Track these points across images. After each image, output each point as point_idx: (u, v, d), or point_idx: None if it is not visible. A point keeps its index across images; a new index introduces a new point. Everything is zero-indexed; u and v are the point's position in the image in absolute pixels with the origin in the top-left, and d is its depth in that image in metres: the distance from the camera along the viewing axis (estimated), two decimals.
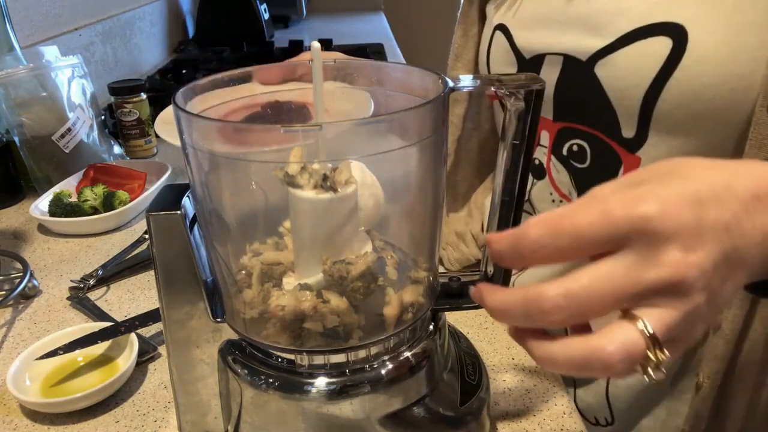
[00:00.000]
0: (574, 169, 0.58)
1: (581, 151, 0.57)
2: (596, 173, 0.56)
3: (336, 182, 0.39)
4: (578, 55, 0.53)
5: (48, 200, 0.90)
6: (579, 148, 0.57)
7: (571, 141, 0.57)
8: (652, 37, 0.48)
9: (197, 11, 2.14)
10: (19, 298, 0.73)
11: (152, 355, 0.62)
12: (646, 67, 0.48)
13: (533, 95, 0.41)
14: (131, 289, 0.75)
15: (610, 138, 0.54)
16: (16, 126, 0.97)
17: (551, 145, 0.60)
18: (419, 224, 0.47)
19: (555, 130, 0.59)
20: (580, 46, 0.53)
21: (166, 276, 0.45)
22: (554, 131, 0.59)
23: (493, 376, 0.58)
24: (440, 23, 3.25)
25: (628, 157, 0.53)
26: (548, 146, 0.60)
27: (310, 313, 0.40)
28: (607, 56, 0.51)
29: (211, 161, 0.41)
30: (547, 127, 0.59)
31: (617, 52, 0.50)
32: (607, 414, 0.62)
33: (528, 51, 0.59)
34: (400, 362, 0.44)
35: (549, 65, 0.56)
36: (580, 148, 0.57)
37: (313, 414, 0.42)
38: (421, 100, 0.40)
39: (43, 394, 0.57)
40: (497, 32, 0.63)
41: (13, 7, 1.12)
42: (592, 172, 0.57)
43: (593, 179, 0.56)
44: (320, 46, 0.41)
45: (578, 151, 0.57)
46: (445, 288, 0.48)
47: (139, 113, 1.15)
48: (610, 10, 0.51)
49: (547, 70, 0.57)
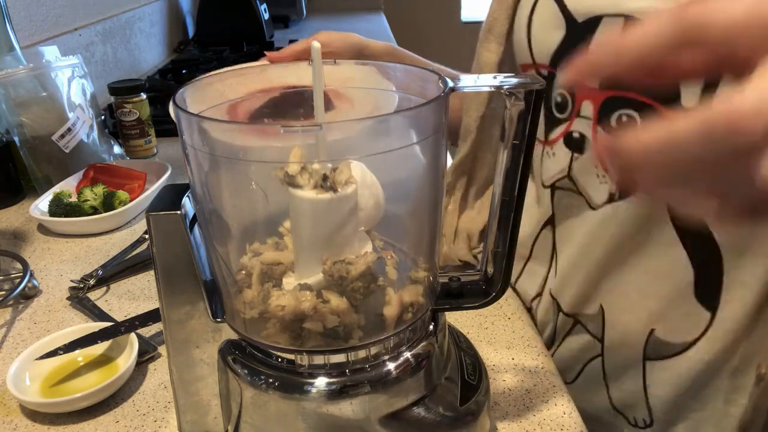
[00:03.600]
0: None
1: (631, 121, 0.53)
2: None
3: (336, 182, 0.39)
4: (643, 17, 0.49)
5: (48, 200, 0.90)
6: (629, 119, 0.53)
7: (620, 111, 0.54)
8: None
9: (197, 11, 2.14)
10: (19, 298, 0.73)
11: (152, 355, 0.62)
12: None
13: (533, 95, 0.41)
14: (131, 289, 0.75)
15: (668, 108, 0.51)
16: (16, 126, 0.97)
17: (596, 115, 0.56)
18: (419, 224, 0.47)
19: (601, 99, 0.55)
20: (645, 6, 0.50)
21: (166, 276, 0.45)
22: (600, 100, 0.56)
23: (493, 376, 0.58)
24: (440, 23, 3.26)
25: None
26: (593, 117, 0.57)
27: (310, 313, 0.40)
28: None
29: (211, 161, 0.41)
30: (592, 97, 0.56)
31: None
32: (645, 414, 0.62)
33: (582, 13, 0.56)
34: (400, 362, 0.44)
35: (606, 27, 0.53)
36: (630, 119, 0.53)
37: (313, 414, 0.42)
38: (421, 100, 0.40)
39: (43, 394, 0.57)
40: None
41: (13, 7, 1.12)
42: None
43: None
44: (320, 47, 0.41)
45: (628, 122, 0.53)
46: (445, 288, 0.48)
47: (139, 113, 1.15)
48: None
49: (603, 33, 0.53)
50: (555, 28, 0.59)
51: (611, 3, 0.53)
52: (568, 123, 0.60)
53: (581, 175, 0.61)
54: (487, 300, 0.48)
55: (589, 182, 0.60)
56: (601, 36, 0.27)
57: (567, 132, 0.60)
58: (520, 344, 0.62)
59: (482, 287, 0.49)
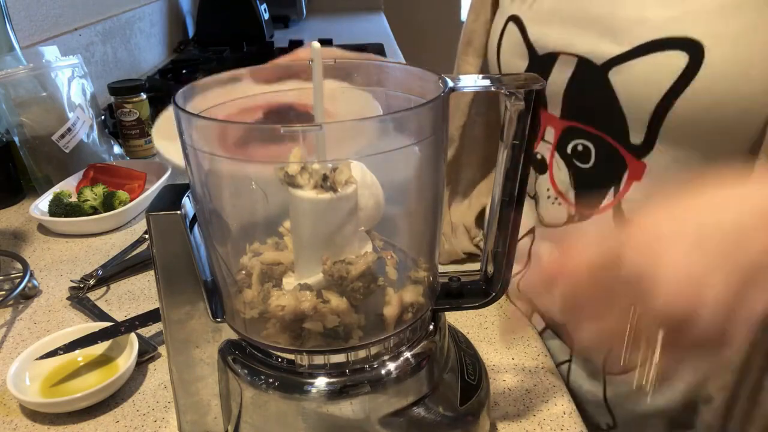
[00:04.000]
0: (576, 168, 0.58)
1: (586, 151, 0.57)
2: (599, 174, 0.56)
3: (336, 182, 0.39)
4: (594, 59, 0.53)
5: (48, 200, 0.90)
6: (584, 149, 0.57)
7: (576, 140, 0.57)
8: (669, 51, 0.48)
9: (197, 11, 2.14)
10: (19, 298, 0.73)
11: (152, 355, 0.62)
12: (660, 80, 0.48)
13: (533, 95, 0.41)
14: (131, 289, 0.75)
15: (617, 142, 0.54)
16: (16, 126, 0.97)
17: (556, 142, 0.60)
18: (419, 224, 0.47)
19: (561, 128, 0.59)
20: (596, 50, 0.53)
21: (166, 276, 0.45)
22: (560, 129, 0.59)
23: (493, 376, 0.58)
24: (440, 23, 3.26)
25: (633, 163, 0.53)
26: (553, 143, 0.60)
27: (310, 313, 0.40)
28: (622, 63, 0.51)
29: (211, 161, 0.41)
30: (554, 124, 0.59)
31: (633, 60, 0.50)
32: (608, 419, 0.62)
33: (541, 47, 0.58)
34: (400, 362, 0.44)
35: (562, 64, 0.56)
36: (585, 149, 0.57)
37: (313, 414, 0.42)
38: (421, 100, 0.40)
39: (43, 394, 0.57)
40: (510, 23, 0.62)
41: (13, 7, 1.12)
42: (595, 172, 0.57)
43: (595, 180, 0.57)
44: (320, 46, 0.41)
45: (583, 151, 0.57)
46: (445, 288, 0.48)
47: (139, 113, 1.15)
48: (632, 17, 0.50)
49: (559, 69, 0.57)
50: (520, 57, 0.61)
51: (566, 43, 0.55)
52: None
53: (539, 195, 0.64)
54: (487, 300, 0.48)
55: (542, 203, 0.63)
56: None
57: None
58: (520, 344, 0.62)
59: (482, 287, 0.49)
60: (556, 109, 0.58)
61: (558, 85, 0.56)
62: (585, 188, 0.58)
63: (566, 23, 0.56)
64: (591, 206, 0.58)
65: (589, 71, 0.53)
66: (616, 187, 0.55)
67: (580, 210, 0.59)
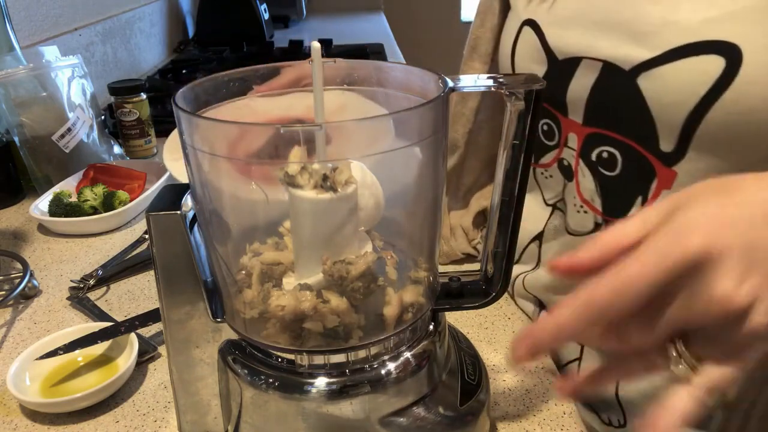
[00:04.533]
0: (602, 175, 0.56)
1: (611, 158, 0.55)
2: (627, 183, 0.55)
3: (336, 182, 0.39)
4: (620, 64, 0.51)
5: (48, 200, 0.90)
6: (609, 155, 0.55)
7: (601, 147, 0.56)
8: (705, 55, 0.46)
9: (197, 11, 2.14)
10: (19, 298, 0.73)
11: (152, 355, 0.62)
12: (695, 85, 0.47)
13: (533, 95, 0.41)
14: (131, 289, 0.75)
15: (646, 149, 0.52)
16: (16, 126, 0.97)
17: (579, 149, 0.58)
18: (419, 224, 0.47)
19: (584, 134, 0.57)
20: (622, 54, 0.51)
21: (166, 276, 0.45)
22: (583, 135, 0.57)
23: (493, 376, 0.58)
24: (440, 23, 3.26)
25: (663, 170, 0.52)
26: (576, 149, 0.58)
27: (310, 313, 0.40)
28: (653, 69, 0.49)
29: (211, 161, 0.41)
30: (576, 131, 0.58)
31: (665, 66, 0.48)
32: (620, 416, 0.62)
33: (562, 52, 0.56)
34: (400, 362, 0.44)
35: (585, 69, 0.54)
36: (610, 156, 0.55)
37: (313, 414, 0.42)
38: (421, 100, 0.40)
39: (43, 394, 0.57)
40: (525, 27, 0.60)
41: (13, 7, 1.12)
42: (622, 181, 0.55)
43: (622, 188, 0.55)
44: (320, 46, 0.41)
45: (608, 158, 0.55)
46: (445, 288, 0.48)
47: (139, 113, 1.15)
48: (661, 20, 0.48)
49: (582, 74, 0.55)
50: (537, 62, 0.59)
51: (589, 47, 0.53)
52: (559, 150, 0.61)
53: (567, 202, 0.62)
54: (487, 300, 0.48)
55: (569, 209, 0.62)
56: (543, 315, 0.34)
57: (558, 158, 0.61)
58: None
59: (482, 287, 0.49)
60: (578, 115, 0.56)
61: (581, 90, 0.55)
62: (611, 196, 0.56)
63: (589, 27, 0.54)
64: (618, 215, 0.56)
65: (615, 76, 0.52)
66: (644, 195, 0.54)
67: (607, 218, 0.57)
